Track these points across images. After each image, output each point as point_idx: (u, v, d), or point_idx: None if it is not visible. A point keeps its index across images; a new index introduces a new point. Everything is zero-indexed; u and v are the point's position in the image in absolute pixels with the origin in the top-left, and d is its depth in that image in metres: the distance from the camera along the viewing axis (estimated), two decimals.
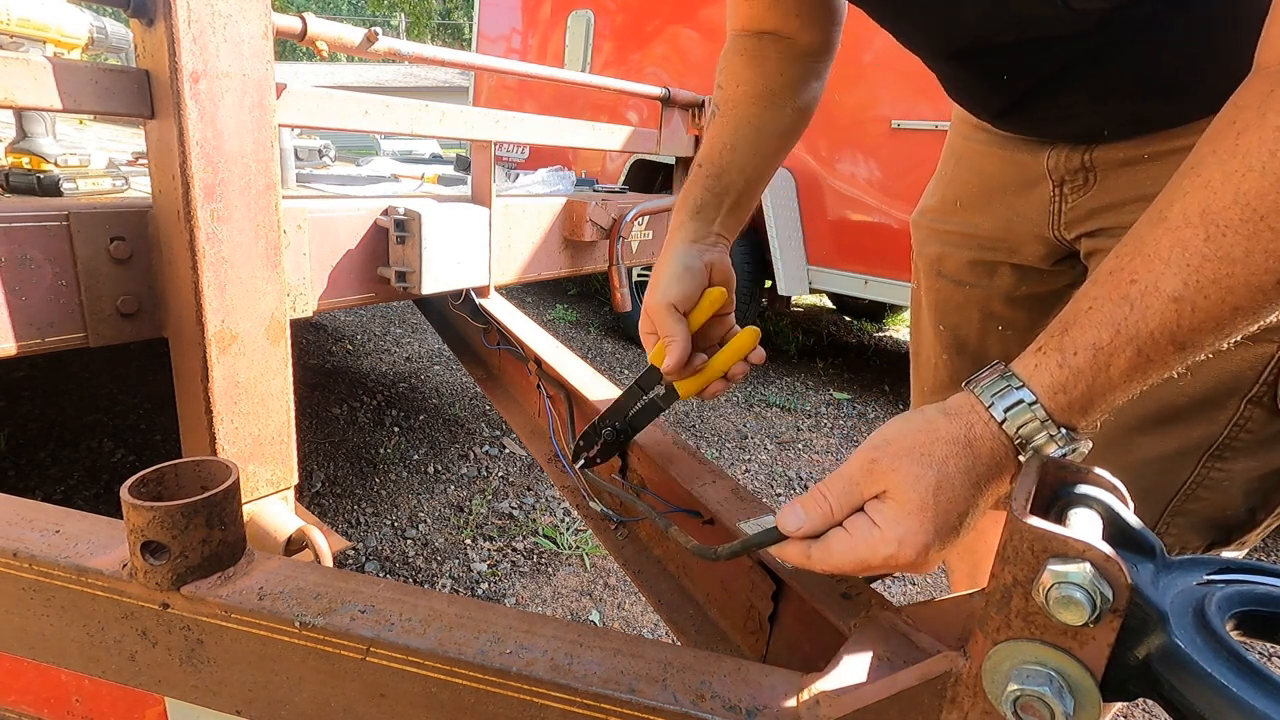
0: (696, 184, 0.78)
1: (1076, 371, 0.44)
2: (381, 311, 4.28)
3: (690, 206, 0.77)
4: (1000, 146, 0.79)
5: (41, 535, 0.50)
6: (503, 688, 0.42)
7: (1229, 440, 0.59)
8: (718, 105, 0.82)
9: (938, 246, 0.91)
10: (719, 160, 0.78)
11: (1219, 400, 0.58)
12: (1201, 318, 0.42)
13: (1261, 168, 0.40)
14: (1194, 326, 0.42)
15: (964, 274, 0.88)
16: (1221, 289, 0.41)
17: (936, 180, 0.93)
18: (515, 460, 2.55)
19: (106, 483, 2.13)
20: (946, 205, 0.89)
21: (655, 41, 4.08)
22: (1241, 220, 0.41)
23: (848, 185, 3.25)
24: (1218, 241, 0.41)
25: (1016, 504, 0.36)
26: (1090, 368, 0.44)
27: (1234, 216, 0.41)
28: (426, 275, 1.29)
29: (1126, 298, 0.43)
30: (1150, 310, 0.42)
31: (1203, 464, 0.61)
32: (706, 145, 0.80)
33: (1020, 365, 0.47)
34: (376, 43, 1.11)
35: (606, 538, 0.97)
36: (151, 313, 0.96)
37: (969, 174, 0.85)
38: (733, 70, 0.80)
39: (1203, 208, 0.42)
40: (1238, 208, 0.41)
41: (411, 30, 26.73)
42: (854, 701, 0.40)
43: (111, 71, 0.83)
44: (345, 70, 21.17)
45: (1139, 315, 0.43)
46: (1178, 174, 0.44)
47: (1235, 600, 0.34)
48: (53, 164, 1.20)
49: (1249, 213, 0.41)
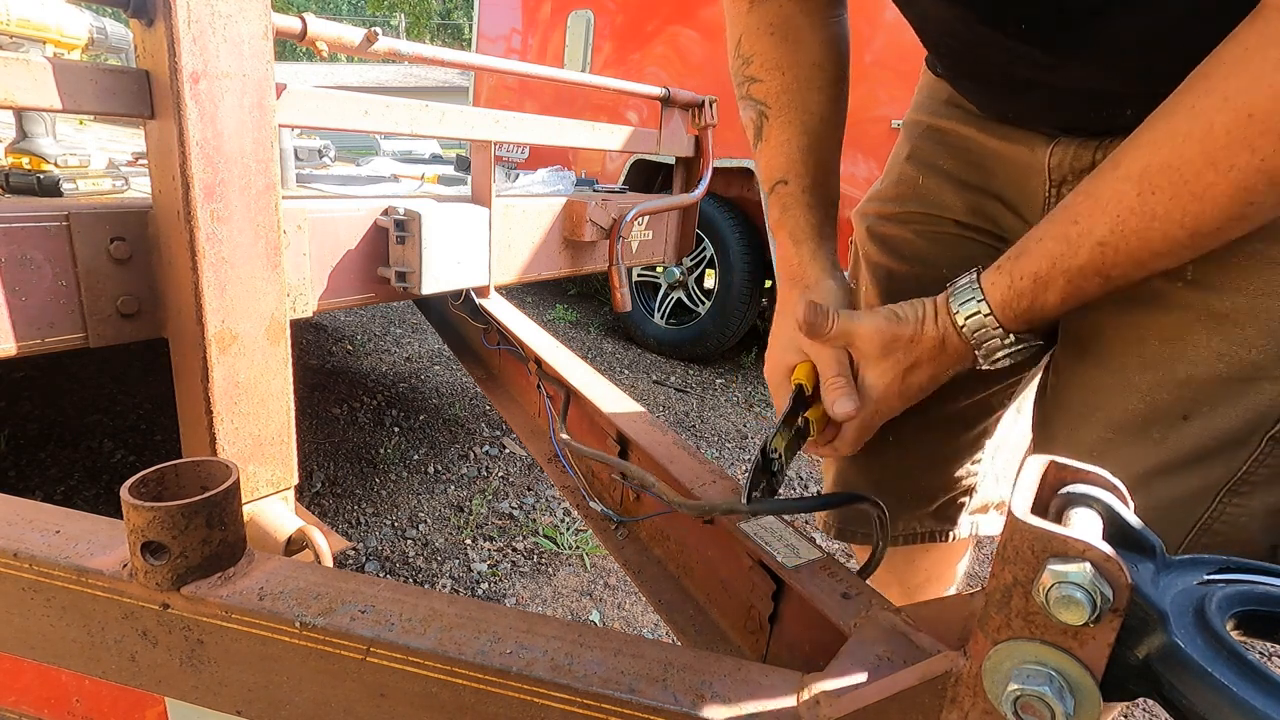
0: (794, 204, 0.72)
1: (1020, 293, 0.56)
2: (381, 311, 4.28)
3: (803, 230, 0.72)
4: (990, 134, 0.72)
5: (42, 535, 0.50)
6: (503, 688, 0.42)
7: (1246, 475, 0.57)
8: (764, 102, 0.73)
9: (894, 228, 0.81)
10: (801, 169, 0.72)
11: (1243, 439, 0.56)
12: (1123, 258, 0.50)
13: (1201, 136, 0.45)
14: (1116, 263, 0.51)
15: (926, 253, 0.79)
16: (1141, 239, 0.49)
17: (890, 166, 0.85)
18: (515, 460, 2.55)
19: (106, 483, 2.13)
20: (904, 186, 0.81)
21: (655, 41, 4.08)
22: (1169, 183, 0.47)
23: (848, 185, 3.24)
24: (1146, 199, 0.48)
25: (1017, 504, 0.36)
26: (1031, 291, 0.55)
27: (1165, 180, 0.47)
28: (426, 275, 1.29)
29: (1066, 237, 0.53)
30: (1081, 251, 0.52)
31: (1219, 500, 0.58)
32: (777, 155, 0.73)
33: (985, 278, 0.59)
34: (376, 43, 1.11)
35: (606, 538, 0.97)
36: (151, 313, 0.96)
37: (944, 155, 0.77)
38: (768, 57, 0.72)
39: (1143, 165, 0.48)
40: (1168, 171, 0.47)
41: (411, 30, 26.72)
42: (854, 701, 0.40)
43: (111, 72, 0.83)
44: (345, 70, 21.17)
45: (1073, 253, 0.52)
46: (1151, 117, 0.49)
47: (1235, 600, 0.34)
48: (53, 164, 1.20)
49: (1176, 176, 0.46)
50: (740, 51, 0.74)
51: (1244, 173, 0.44)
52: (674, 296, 3.89)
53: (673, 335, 3.88)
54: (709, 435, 2.93)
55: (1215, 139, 0.44)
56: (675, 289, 3.89)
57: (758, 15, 0.72)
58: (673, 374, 3.65)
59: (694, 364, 3.82)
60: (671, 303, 3.91)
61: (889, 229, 0.82)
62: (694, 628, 0.77)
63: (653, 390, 3.39)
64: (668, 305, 3.92)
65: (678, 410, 3.15)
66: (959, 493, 0.86)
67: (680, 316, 3.92)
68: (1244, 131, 0.43)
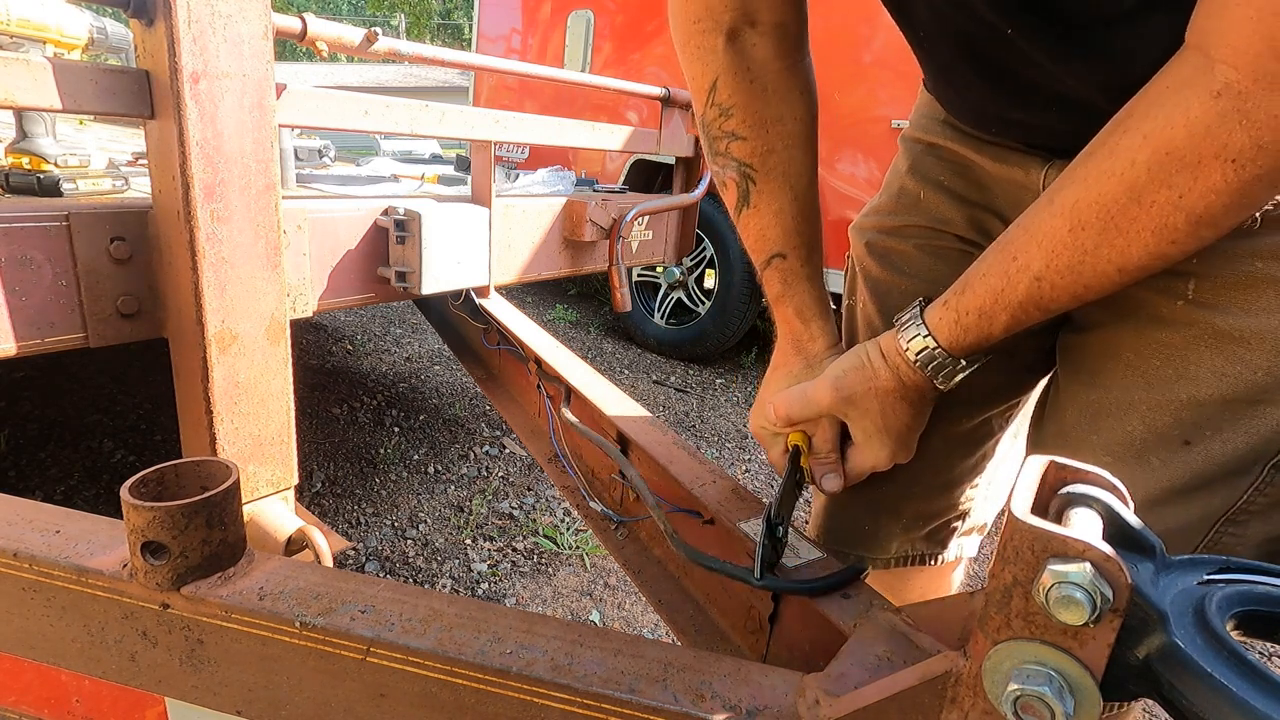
0: (797, 280, 0.72)
1: (966, 328, 0.58)
2: (381, 311, 4.28)
3: (810, 307, 0.72)
4: (985, 155, 0.71)
5: (41, 535, 0.50)
6: (503, 688, 0.42)
7: (1246, 505, 0.56)
8: (749, 164, 0.69)
9: (895, 242, 0.80)
10: (798, 240, 0.71)
11: (1244, 467, 0.56)
12: (1058, 293, 0.52)
13: (1121, 174, 0.46)
14: (1054, 298, 0.52)
15: (928, 268, 0.77)
16: (1073, 274, 0.50)
17: (890, 180, 0.83)
18: (515, 460, 2.55)
19: (106, 483, 2.13)
20: (905, 200, 0.79)
21: (655, 41, 4.08)
22: (1097, 218, 0.47)
23: (848, 185, 3.25)
24: (1077, 234, 0.49)
25: (1017, 504, 0.36)
26: (976, 324, 0.57)
27: (1092, 215, 0.48)
28: (426, 275, 1.29)
29: (1006, 273, 0.54)
30: (1020, 286, 0.53)
31: (1216, 529, 0.57)
32: (771, 225, 0.70)
33: (930, 315, 0.61)
34: (376, 43, 1.11)
35: (606, 538, 0.97)
36: (151, 313, 0.96)
37: (944, 171, 0.76)
38: (750, 110, 0.67)
39: (1074, 201, 0.49)
40: (1097, 208, 0.47)
41: (411, 30, 26.72)
42: (854, 701, 0.40)
43: (111, 72, 0.83)
44: (345, 70, 21.17)
45: (1012, 288, 0.53)
46: (1083, 152, 0.50)
47: (1235, 600, 0.34)
48: (53, 164, 1.20)
49: (1103, 212, 0.47)
50: (716, 100, 0.68)
51: (1163, 209, 0.45)
52: (674, 296, 3.89)
53: (673, 335, 3.88)
54: (709, 435, 2.93)
55: (1137, 176, 0.45)
56: (675, 289, 3.89)
57: (733, 57, 0.66)
58: (673, 374, 3.65)
59: (694, 364, 3.82)
60: (671, 303, 3.91)
61: (890, 243, 0.80)
62: (694, 628, 0.77)
63: (653, 390, 3.39)
64: (668, 305, 3.92)
65: (678, 410, 3.15)
66: (954, 516, 0.85)
67: (680, 316, 3.92)
68: (1162, 169, 0.44)
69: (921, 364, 0.61)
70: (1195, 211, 0.44)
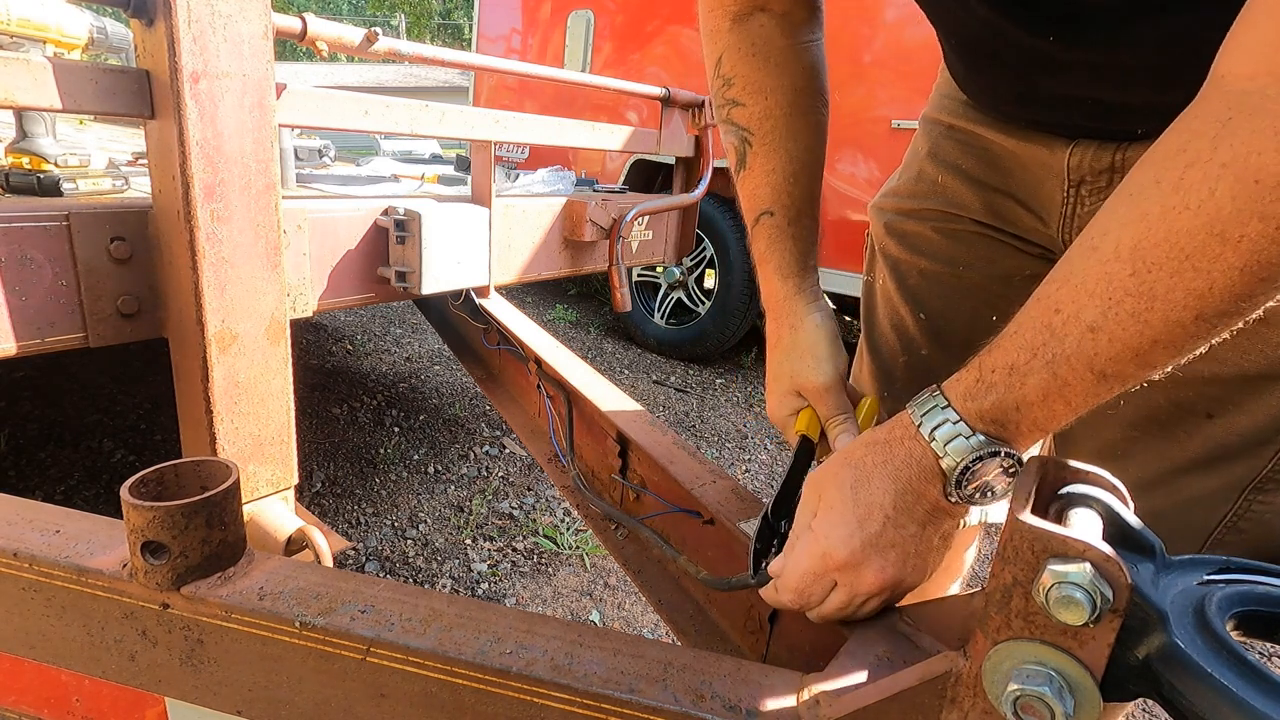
0: (781, 237, 0.71)
1: (990, 385, 0.47)
2: (381, 311, 4.28)
3: (789, 264, 0.71)
4: (1007, 134, 0.70)
5: (42, 535, 0.50)
6: (503, 688, 0.42)
7: (1272, 473, 0.57)
8: (747, 128, 0.71)
9: (913, 224, 0.81)
10: (788, 200, 0.70)
11: (1268, 437, 0.56)
12: (1119, 348, 0.42)
13: (1198, 206, 0.40)
14: (1112, 356, 0.43)
15: (946, 250, 0.78)
16: (1140, 322, 0.42)
17: (909, 161, 0.83)
18: (515, 460, 2.55)
19: (106, 483, 2.13)
20: (924, 183, 0.80)
21: (655, 41, 4.08)
22: (1169, 258, 0.41)
23: (848, 185, 3.25)
24: (1143, 277, 0.41)
25: (1017, 503, 0.36)
26: (1004, 382, 0.46)
27: (1162, 255, 0.41)
28: (426, 275, 1.29)
29: (1048, 325, 0.45)
30: (1068, 339, 0.43)
31: (1245, 497, 0.58)
32: (762, 184, 0.71)
33: (946, 381, 0.50)
34: (376, 43, 1.11)
35: (606, 538, 0.97)
36: (151, 313, 0.96)
37: (963, 155, 0.76)
38: (750, 79, 0.70)
39: (1135, 242, 0.42)
40: (1167, 245, 0.41)
41: (411, 30, 26.72)
42: (854, 701, 0.40)
43: (111, 71, 0.83)
44: (345, 70, 21.16)
45: (1056, 340, 0.44)
46: (1115, 197, 0.44)
47: (1235, 600, 0.34)
48: (53, 164, 1.20)
49: (1177, 251, 0.41)
50: (721, 72, 0.72)
51: (1255, 243, 0.39)
52: (674, 296, 3.89)
53: (673, 335, 3.88)
54: (709, 435, 2.93)
55: (1219, 208, 0.39)
56: (675, 289, 3.89)
57: (739, 35, 0.70)
58: (673, 374, 3.65)
59: (694, 364, 3.82)
60: (671, 303, 3.91)
61: (908, 225, 0.82)
62: (694, 628, 0.77)
63: (653, 390, 3.39)
64: (668, 305, 3.92)
65: (678, 410, 3.15)
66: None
67: (680, 316, 3.92)
68: (1253, 198, 0.38)
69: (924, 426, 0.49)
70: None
